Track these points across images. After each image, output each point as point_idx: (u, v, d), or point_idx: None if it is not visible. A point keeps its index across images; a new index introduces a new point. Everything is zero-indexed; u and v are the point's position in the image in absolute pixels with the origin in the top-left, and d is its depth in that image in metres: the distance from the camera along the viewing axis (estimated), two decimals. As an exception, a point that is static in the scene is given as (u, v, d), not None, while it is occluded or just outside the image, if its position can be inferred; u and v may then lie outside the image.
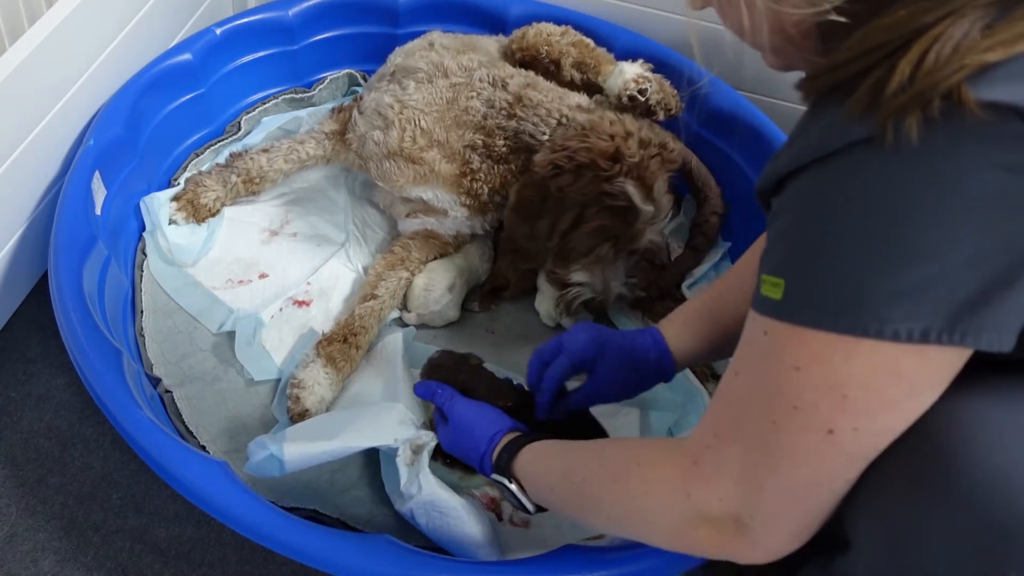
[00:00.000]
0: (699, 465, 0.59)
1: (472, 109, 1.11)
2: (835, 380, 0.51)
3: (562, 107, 1.09)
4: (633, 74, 1.14)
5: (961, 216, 0.46)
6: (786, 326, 0.53)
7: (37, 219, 1.11)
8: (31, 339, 1.13)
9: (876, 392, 0.51)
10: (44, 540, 0.95)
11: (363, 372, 1.08)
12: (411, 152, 1.11)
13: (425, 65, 1.15)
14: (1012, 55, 0.45)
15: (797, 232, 0.53)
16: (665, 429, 1.06)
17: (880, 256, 0.48)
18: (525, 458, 0.80)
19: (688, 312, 0.90)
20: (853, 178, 0.49)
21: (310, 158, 1.23)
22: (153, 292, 1.14)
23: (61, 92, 1.10)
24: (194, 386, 1.05)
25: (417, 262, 1.17)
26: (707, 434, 0.59)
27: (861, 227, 0.49)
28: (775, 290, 0.54)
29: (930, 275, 0.47)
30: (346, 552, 0.79)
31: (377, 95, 1.17)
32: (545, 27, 1.26)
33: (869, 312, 0.49)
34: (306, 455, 0.87)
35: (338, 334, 1.07)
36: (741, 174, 1.27)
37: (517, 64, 1.25)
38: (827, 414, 0.52)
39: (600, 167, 1.01)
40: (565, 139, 1.04)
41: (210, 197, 1.20)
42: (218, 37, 1.30)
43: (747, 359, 0.58)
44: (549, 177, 1.03)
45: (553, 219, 1.05)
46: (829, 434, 0.52)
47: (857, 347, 0.50)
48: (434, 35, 1.26)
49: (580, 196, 1.02)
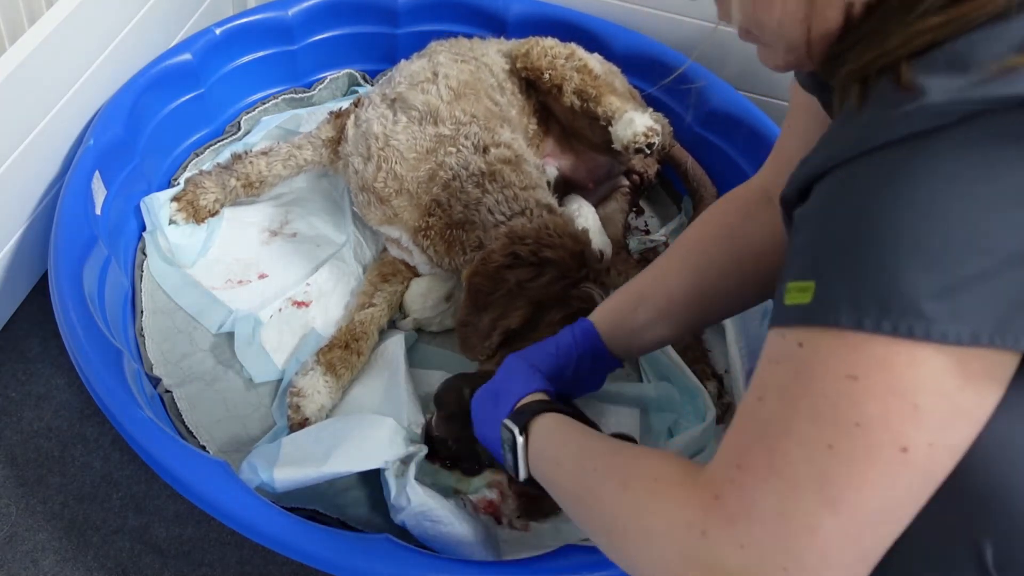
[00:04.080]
0: (721, 501, 0.50)
1: (446, 165, 1.07)
2: (902, 387, 0.45)
3: (530, 199, 1.04)
4: (644, 127, 1.10)
5: (1006, 212, 0.44)
6: (827, 332, 0.47)
7: (37, 219, 1.12)
8: (31, 339, 1.13)
9: (950, 400, 0.45)
10: (44, 540, 0.95)
11: (365, 374, 1.08)
12: (381, 192, 1.09)
13: (421, 105, 1.12)
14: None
15: (828, 231, 0.49)
16: (665, 429, 1.06)
17: (923, 252, 0.45)
18: (546, 421, 0.73)
19: (620, 300, 0.88)
20: (890, 176, 0.47)
21: (308, 163, 1.23)
22: (153, 292, 1.14)
23: (61, 92, 1.10)
24: (194, 386, 1.05)
25: (412, 274, 1.17)
26: (728, 467, 0.50)
27: (899, 224, 0.45)
28: (803, 295, 0.48)
29: (977, 272, 0.44)
30: (346, 552, 0.79)
31: (371, 117, 1.14)
32: (551, 47, 1.23)
33: (914, 312, 0.44)
34: (296, 480, 0.88)
35: (339, 341, 1.06)
36: (741, 174, 1.27)
37: (522, 80, 1.24)
38: (898, 428, 0.45)
39: (568, 267, 0.96)
40: (525, 232, 0.98)
41: (209, 199, 1.20)
42: (218, 37, 1.30)
43: (775, 379, 0.50)
44: (505, 267, 0.96)
45: (498, 315, 0.96)
46: (903, 452, 0.45)
47: (918, 350, 0.44)
48: (441, 58, 1.21)
49: (538, 294, 0.95)
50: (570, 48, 1.24)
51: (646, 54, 1.37)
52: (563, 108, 1.21)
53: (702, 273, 0.83)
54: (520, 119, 1.22)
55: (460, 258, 1.07)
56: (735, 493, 0.49)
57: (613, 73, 1.29)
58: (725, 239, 0.83)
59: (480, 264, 0.99)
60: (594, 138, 1.21)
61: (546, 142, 1.28)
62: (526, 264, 0.96)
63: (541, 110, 1.26)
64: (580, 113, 1.20)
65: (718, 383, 1.10)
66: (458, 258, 1.08)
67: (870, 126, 0.48)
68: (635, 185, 1.35)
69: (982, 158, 0.45)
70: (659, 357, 1.10)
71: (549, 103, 1.25)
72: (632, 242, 1.29)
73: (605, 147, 1.18)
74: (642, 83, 1.37)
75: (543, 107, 1.26)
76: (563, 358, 0.86)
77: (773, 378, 0.50)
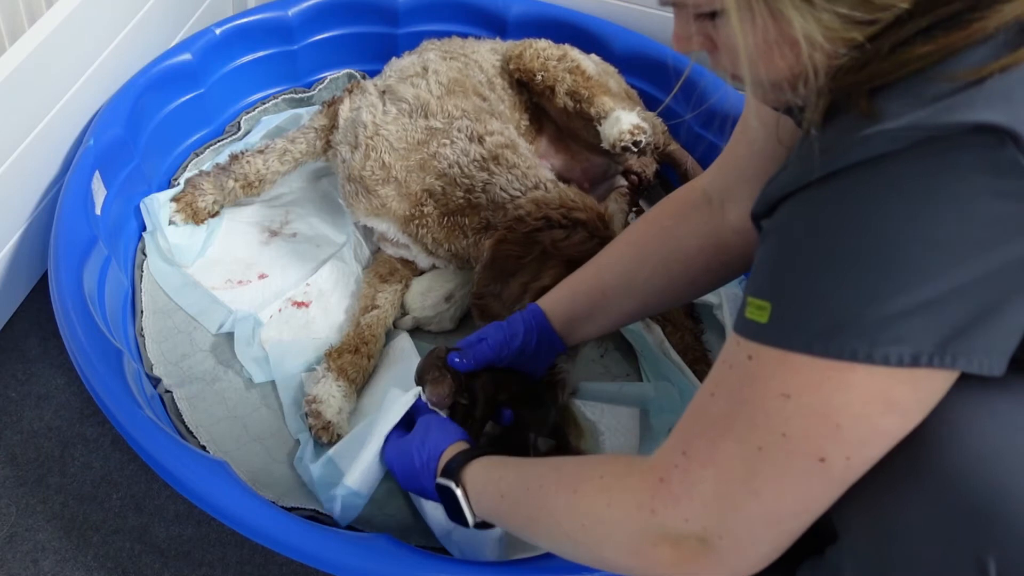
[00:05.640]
0: (666, 483, 0.57)
1: (441, 156, 1.07)
2: (828, 409, 0.50)
3: (539, 175, 1.07)
4: (630, 125, 1.11)
5: (953, 241, 0.46)
6: (774, 351, 0.52)
7: (37, 219, 1.11)
8: (31, 339, 1.13)
9: (870, 422, 0.50)
10: (44, 540, 0.95)
11: (381, 376, 1.08)
12: (367, 182, 1.09)
13: (411, 99, 1.12)
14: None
15: (786, 254, 0.52)
16: (665, 429, 1.06)
17: (871, 279, 0.48)
18: (477, 466, 0.77)
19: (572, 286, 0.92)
20: (845, 201, 0.49)
21: (303, 155, 1.22)
22: (153, 292, 1.14)
23: (61, 92, 1.10)
24: (194, 386, 1.05)
25: (410, 273, 1.17)
26: (675, 453, 0.58)
27: (852, 250, 0.48)
28: (761, 313, 0.53)
29: (921, 299, 0.47)
30: (346, 552, 0.79)
31: (361, 106, 1.15)
32: (543, 48, 1.23)
33: (859, 335, 0.48)
34: (365, 471, 0.89)
35: (348, 345, 1.06)
36: (741, 174, 1.27)
37: (514, 80, 1.24)
38: (819, 443, 0.51)
39: (597, 227, 1.00)
40: (548, 198, 1.02)
41: (207, 200, 1.20)
42: (218, 37, 1.30)
43: (727, 382, 0.56)
44: (538, 230, 1.00)
45: (530, 277, 1.00)
46: (820, 462, 0.51)
47: (850, 374, 0.49)
48: (430, 55, 1.22)
49: (574, 252, 0.98)
50: (563, 49, 1.24)
51: (646, 54, 1.37)
52: (557, 109, 1.21)
53: (633, 271, 0.88)
54: (511, 114, 1.22)
55: (461, 242, 1.08)
56: (679, 476, 0.57)
57: (608, 74, 1.28)
58: (657, 239, 0.87)
59: (508, 231, 1.01)
60: (589, 139, 1.21)
61: (540, 142, 1.28)
62: (558, 226, 0.99)
63: (535, 110, 1.27)
64: (574, 114, 1.20)
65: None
66: (459, 243, 1.09)
67: (830, 151, 0.50)
68: (634, 185, 1.35)
69: (930, 187, 0.46)
70: (659, 357, 1.10)
71: (543, 104, 1.25)
72: (632, 242, 1.29)
73: (600, 148, 1.18)
74: (642, 83, 1.37)
75: (538, 107, 1.26)
76: (512, 331, 0.91)
77: (725, 380, 0.56)
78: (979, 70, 0.46)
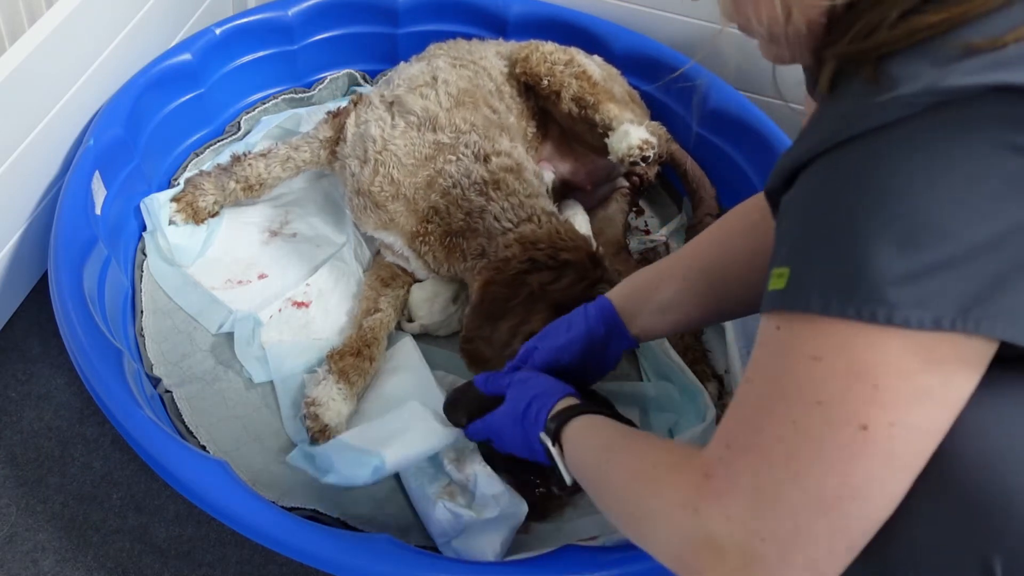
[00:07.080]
0: (711, 479, 0.53)
1: (446, 173, 1.06)
2: (861, 368, 0.47)
3: (536, 205, 1.04)
4: (639, 140, 1.10)
5: (973, 200, 0.45)
6: (797, 316, 0.50)
7: (37, 219, 1.12)
8: (31, 339, 1.13)
9: (909, 380, 0.47)
10: (44, 540, 0.95)
11: (388, 376, 1.07)
12: (377, 197, 1.08)
13: (420, 111, 1.11)
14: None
15: (802, 220, 0.51)
16: (665, 429, 1.06)
17: (888, 238, 0.46)
18: (575, 427, 0.75)
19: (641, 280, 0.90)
20: (864, 163, 0.48)
21: (306, 164, 1.22)
22: (153, 292, 1.14)
23: (61, 92, 1.10)
24: (194, 386, 1.05)
25: (412, 278, 1.17)
26: (720, 446, 0.54)
27: (867, 209, 0.47)
28: (780, 280, 0.51)
29: (942, 259, 0.45)
30: (346, 552, 0.79)
31: (369, 119, 1.14)
32: (550, 52, 1.22)
33: (878, 298, 0.46)
34: (403, 454, 0.90)
35: (351, 347, 1.06)
36: (741, 174, 1.27)
37: (521, 85, 1.24)
38: (857, 406, 0.47)
39: (586, 268, 0.97)
40: (537, 236, 0.99)
41: (208, 200, 1.20)
42: (218, 37, 1.30)
43: (760, 362, 0.54)
44: (524, 272, 0.97)
45: (519, 320, 0.97)
46: (863, 430, 0.47)
47: (877, 334, 0.46)
48: (440, 62, 1.20)
49: (559, 296, 0.96)
50: (569, 54, 1.24)
51: (646, 54, 1.37)
52: (562, 114, 1.21)
53: (724, 254, 0.85)
54: (519, 123, 1.21)
55: (460, 265, 1.07)
56: (722, 470, 0.53)
57: (612, 78, 1.28)
58: (748, 231, 0.84)
59: (496, 272, 0.99)
60: (593, 142, 1.21)
61: (545, 145, 1.28)
62: (545, 268, 0.97)
63: (540, 112, 1.26)
64: (579, 119, 1.20)
65: (718, 383, 1.10)
66: (458, 264, 1.07)
67: (846, 117, 0.50)
68: (635, 186, 1.35)
69: (948, 147, 0.46)
70: (659, 357, 1.10)
71: (548, 108, 1.24)
72: (632, 242, 1.29)
73: (604, 151, 1.17)
74: (642, 83, 1.37)
75: (542, 110, 1.26)
76: (575, 333, 0.88)
77: (758, 360, 0.54)
78: (996, 40, 0.45)
